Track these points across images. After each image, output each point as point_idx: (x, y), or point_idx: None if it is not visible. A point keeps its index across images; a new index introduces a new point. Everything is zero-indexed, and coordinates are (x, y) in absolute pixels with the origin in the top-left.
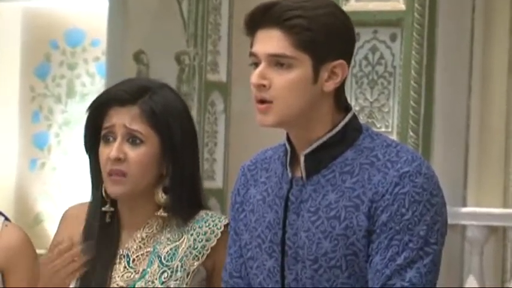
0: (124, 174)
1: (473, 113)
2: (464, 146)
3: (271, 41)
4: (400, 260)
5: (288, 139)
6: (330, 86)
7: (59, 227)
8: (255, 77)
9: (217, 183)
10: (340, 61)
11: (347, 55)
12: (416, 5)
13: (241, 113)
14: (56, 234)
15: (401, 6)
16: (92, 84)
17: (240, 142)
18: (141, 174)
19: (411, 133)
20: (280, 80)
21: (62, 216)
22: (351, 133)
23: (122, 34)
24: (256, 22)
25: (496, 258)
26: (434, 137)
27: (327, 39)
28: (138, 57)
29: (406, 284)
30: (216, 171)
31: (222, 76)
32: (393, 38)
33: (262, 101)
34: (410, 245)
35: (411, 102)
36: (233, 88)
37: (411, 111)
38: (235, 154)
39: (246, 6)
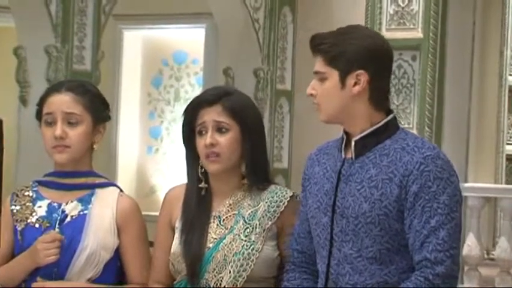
0: (218, 154)
1: (472, 114)
2: (465, 138)
3: (316, 62)
4: (433, 223)
5: (345, 131)
6: (356, 89)
7: (162, 206)
8: (308, 89)
9: (284, 164)
10: (361, 71)
11: (368, 67)
12: (431, 34)
13: (301, 113)
14: (160, 211)
15: (420, 35)
16: (193, 92)
17: (300, 134)
18: (229, 153)
19: (427, 128)
20: (320, 89)
21: (164, 198)
22: (391, 128)
23: (215, 55)
24: (311, 49)
25: (489, 221)
26: (443, 132)
27: (346, 57)
28: (226, 72)
29: (440, 241)
30: (282, 156)
31: (288, 86)
32: (414, 58)
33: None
34: (439, 211)
35: (427, 106)
36: (296, 95)
37: (427, 113)
38: (297, 143)
39: (306, 36)
